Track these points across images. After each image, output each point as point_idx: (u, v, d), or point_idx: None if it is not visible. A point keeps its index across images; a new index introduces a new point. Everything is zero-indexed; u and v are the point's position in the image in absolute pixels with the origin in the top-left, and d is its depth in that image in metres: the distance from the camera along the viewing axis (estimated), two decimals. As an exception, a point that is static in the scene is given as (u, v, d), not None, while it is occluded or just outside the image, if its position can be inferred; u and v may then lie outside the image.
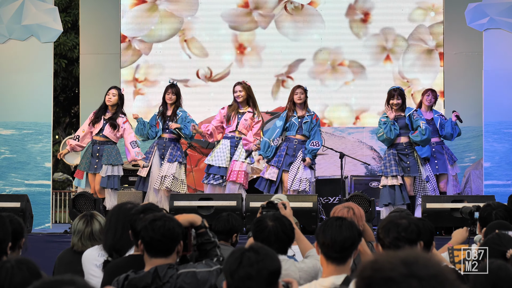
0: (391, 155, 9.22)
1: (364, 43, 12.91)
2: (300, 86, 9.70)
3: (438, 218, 8.44)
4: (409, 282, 1.88)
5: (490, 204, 5.28)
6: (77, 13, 16.97)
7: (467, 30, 11.50)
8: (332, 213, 4.68)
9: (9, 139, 11.04)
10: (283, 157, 9.55)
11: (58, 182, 23.48)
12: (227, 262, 2.84)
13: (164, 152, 9.68)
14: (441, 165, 9.76)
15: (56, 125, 20.86)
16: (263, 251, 2.84)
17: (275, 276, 2.81)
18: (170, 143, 9.72)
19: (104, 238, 4.36)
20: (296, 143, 9.57)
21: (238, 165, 9.56)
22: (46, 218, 10.89)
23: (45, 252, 8.07)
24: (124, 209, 4.32)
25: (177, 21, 13.09)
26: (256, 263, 2.78)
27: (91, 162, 9.51)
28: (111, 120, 9.52)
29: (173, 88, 9.78)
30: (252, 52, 13.02)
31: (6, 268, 2.71)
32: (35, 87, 11.00)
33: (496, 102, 10.64)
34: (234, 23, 13.06)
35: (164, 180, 9.55)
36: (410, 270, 1.90)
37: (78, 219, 5.07)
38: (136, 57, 13.11)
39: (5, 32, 10.95)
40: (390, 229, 3.57)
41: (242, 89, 9.72)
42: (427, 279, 1.89)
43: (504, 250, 3.96)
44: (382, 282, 1.91)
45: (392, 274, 1.90)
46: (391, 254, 1.95)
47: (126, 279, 3.60)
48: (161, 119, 9.79)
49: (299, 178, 9.38)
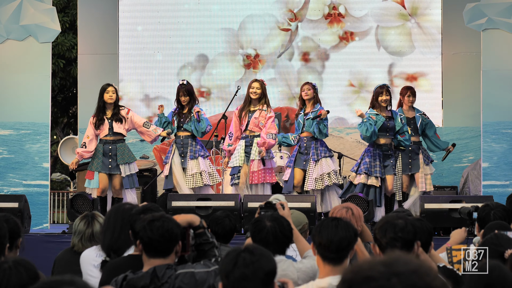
0: (376, 155, 9.28)
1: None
2: (308, 83, 9.71)
3: (436, 219, 8.45)
4: (389, 279, 1.90)
5: (489, 205, 5.28)
6: (75, 13, 16.95)
7: (465, 30, 11.50)
8: (331, 213, 4.68)
9: (7, 139, 11.03)
10: (295, 156, 9.57)
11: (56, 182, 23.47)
12: (223, 263, 2.84)
13: (184, 150, 9.61)
14: (414, 165, 9.78)
15: (54, 125, 20.85)
16: (258, 252, 2.83)
17: (270, 276, 2.81)
18: (187, 140, 9.64)
19: (102, 238, 4.35)
20: (306, 141, 9.58)
21: (256, 165, 9.51)
22: (44, 219, 10.87)
23: (43, 253, 8.06)
24: (122, 209, 4.31)
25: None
26: (252, 264, 2.78)
27: (104, 162, 9.48)
28: (115, 116, 9.51)
29: (184, 89, 9.68)
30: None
31: (4, 269, 2.70)
32: (33, 87, 10.98)
33: (494, 102, 10.64)
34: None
35: (195, 177, 9.52)
36: (389, 268, 1.92)
37: (79, 219, 5.04)
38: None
39: (3, 32, 10.94)
40: (387, 229, 3.56)
41: (260, 87, 9.65)
42: (407, 275, 1.90)
43: (502, 250, 3.96)
44: (362, 281, 1.93)
45: (370, 273, 1.92)
46: (373, 258, 1.99)
47: (125, 279, 3.60)
48: (177, 117, 9.72)
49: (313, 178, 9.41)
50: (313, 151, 9.48)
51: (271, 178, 9.56)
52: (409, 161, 9.74)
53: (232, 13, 13.17)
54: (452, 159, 12.18)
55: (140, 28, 13.21)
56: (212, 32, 13.20)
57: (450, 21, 12.57)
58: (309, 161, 9.48)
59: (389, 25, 13.04)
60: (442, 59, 12.79)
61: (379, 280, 1.91)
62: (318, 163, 9.43)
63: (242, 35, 13.14)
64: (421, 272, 1.92)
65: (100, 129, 9.51)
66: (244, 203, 8.64)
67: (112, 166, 9.48)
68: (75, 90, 19.42)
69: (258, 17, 13.15)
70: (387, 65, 12.99)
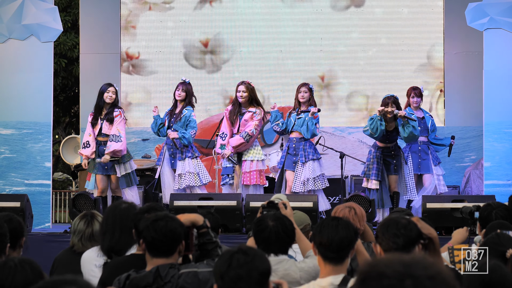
0: (375, 157, 9.29)
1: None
2: (304, 84, 9.67)
3: (438, 218, 8.44)
4: (402, 279, 1.86)
5: (491, 204, 5.28)
6: (77, 13, 16.96)
7: (467, 30, 11.49)
8: (333, 212, 4.68)
9: (9, 138, 11.04)
10: (285, 157, 9.56)
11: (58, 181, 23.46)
12: (217, 265, 2.85)
13: (173, 151, 9.66)
14: (424, 165, 9.78)
15: (56, 124, 20.84)
16: (252, 252, 2.84)
17: (265, 276, 2.82)
18: (178, 141, 9.67)
19: (101, 240, 4.32)
20: (295, 141, 9.57)
21: (248, 166, 9.51)
22: (46, 218, 10.88)
23: (45, 252, 8.06)
24: (119, 209, 4.28)
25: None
26: (246, 264, 2.78)
27: (100, 164, 9.52)
28: (107, 116, 9.53)
29: (183, 85, 9.71)
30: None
31: (9, 266, 2.71)
32: (35, 86, 10.99)
33: (496, 101, 10.64)
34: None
35: (181, 178, 9.55)
36: (407, 269, 1.88)
37: (78, 219, 5.01)
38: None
39: (5, 31, 10.95)
40: (390, 226, 3.56)
41: (246, 90, 9.64)
42: (422, 279, 1.86)
43: (504, 250, 3.96)
44: (375, 276, 1.90)
45: (386, 270, 1.89)
46: (395, 255, 1.94)
47: (128, 278, 3.60)
48: (169, 117, 9.76)
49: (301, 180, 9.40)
50: (301, 152, 9.47)
51: (263, 181, 9.58)
52: (419, 161, 9.75)
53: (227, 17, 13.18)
54: (454, 158, 12.18)
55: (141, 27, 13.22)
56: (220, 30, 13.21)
57: (452, 21, 12.56)
58: (298, 163, 9.47)
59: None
60: (444, 58, 12.79)
61: (392, 279, 1.87)
62: (305, 165, 9.42)
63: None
64: (438, 279, 1.87)
65: (94, 128, 9.59)
66: (246, 203, 8.64)
67: (108, 167, 9.52)
68: (77, 89, 19.44)
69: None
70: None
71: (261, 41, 13.08)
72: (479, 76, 11.10)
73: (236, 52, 13.06)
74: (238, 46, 13.05)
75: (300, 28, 13.01)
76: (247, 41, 13.07)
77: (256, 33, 13.07)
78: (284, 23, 13.05)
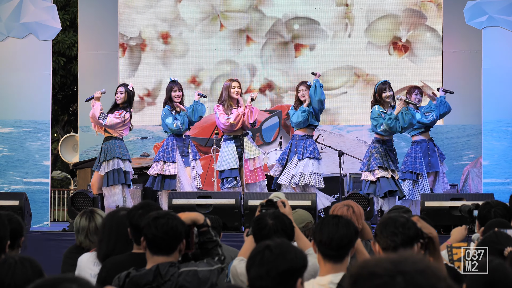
0: (384, 151, 9.19)
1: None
2: (303, 83, 9.63)
3: (437, 216, 8.44)
4: (393, 276, 1.89)
5: (489, 202, 5.28)
6: (75, 11, 16.95)
7: (466, 28, 11.50)
8: (331, 211, 4.68)
9: (7, 137, 11.03)
10: (287, 154, 9.55)
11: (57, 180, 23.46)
12: (248, 258, 2.89)
13: (184, 149, 9.60)
14: (434, 163, 9.77)
15: (54, 123, 20.84)
16: (277, 250, 2.85)
17: (287, 276, 2.81)
18: (188, 140, 9.65)
19: (98, 248, 4.29)
20: (297, 138, 9.56)
21: (251, 164, 9.49)
22: (44, 216, 10.88)
23: (43, 250, 8.07)
24: (117, 217, 4.24)
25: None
26: (267, 263, 2.79)
27: (98, 160, 9.52)
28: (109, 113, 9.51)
29: (178, 85, 9.66)
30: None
31: (9, 263, 2.71)
32: (33, 85, 10.99)
33: (495, 100, 10.64)
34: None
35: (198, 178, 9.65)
36: (396, 266, 1.91)
37: (79, 216, 4.98)
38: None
39: (3, 30, 10.94)
40: (388, 224, 3.56)
41: (240, 86, 9.63)
42: (412, 274, 1.89)
43: (502, 248, 3.96)
44: (367, 276, 1.92)
45: (376, 269, 1.92)
46: (383, 256, 1.98)
47: (128, 276, 3.60)
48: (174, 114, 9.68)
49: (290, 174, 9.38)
50: (300, 149, 9.45)
51: (263, 176, 9.60)
52: (429, 159, 9.73)
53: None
54: (452, 157, 12.20)
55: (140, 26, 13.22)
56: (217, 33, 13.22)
57: (451, 19, 12.56)
58: (294, 158, 9.43)
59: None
60: (443, 57, 12.79)
61: (383, 277, 1.90)
62: (301, 162, 9.39)
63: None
64: (428, 272, 1.91)
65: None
66: (244, 201, 8.64)
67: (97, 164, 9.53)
68: (75, 88, 19.42)
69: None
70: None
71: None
72: (478, 74, 11.11)
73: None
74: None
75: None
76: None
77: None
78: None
